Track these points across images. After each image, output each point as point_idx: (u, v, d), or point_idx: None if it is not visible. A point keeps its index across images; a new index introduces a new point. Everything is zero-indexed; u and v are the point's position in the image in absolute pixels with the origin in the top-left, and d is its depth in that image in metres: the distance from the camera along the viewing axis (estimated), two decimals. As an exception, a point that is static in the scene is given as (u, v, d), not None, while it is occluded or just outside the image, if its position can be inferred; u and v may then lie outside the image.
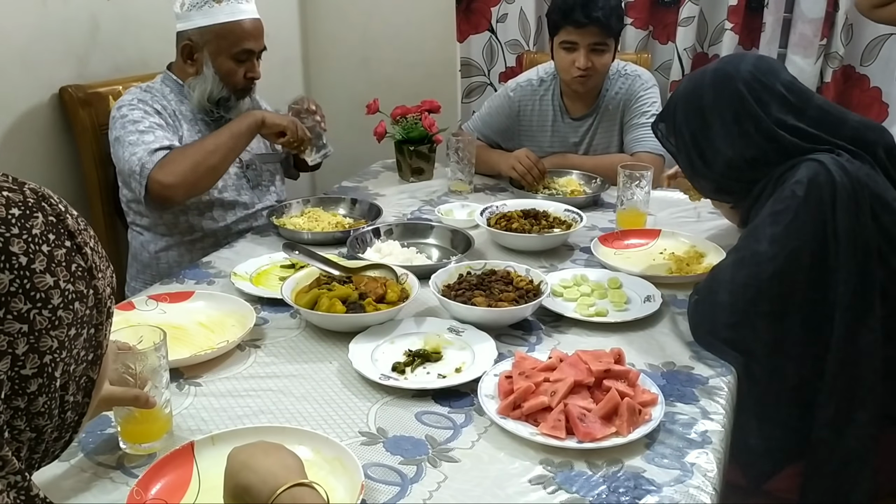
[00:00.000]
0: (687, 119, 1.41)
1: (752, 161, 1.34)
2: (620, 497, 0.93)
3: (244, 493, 0.78)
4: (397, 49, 3.10)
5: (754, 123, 1.32)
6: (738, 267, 1.28)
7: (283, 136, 1.86)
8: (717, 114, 1.36)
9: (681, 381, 1.19)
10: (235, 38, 1.81)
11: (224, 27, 1.80)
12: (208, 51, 1.82)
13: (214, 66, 1.83)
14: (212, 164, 1.74)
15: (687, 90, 1.43)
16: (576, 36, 2.08)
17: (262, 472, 0.78)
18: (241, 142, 1.81)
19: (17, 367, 0.53)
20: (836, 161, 1.25)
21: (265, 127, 1.82)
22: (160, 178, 1.69)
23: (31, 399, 0.55)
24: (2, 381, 0.52)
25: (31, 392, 0.54)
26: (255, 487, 0.77)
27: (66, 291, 0.56)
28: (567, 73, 2.15)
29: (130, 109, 1.77)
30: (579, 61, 2.09)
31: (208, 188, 1.81)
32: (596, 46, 2.09)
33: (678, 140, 1.45)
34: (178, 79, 1.88)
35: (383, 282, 1.40)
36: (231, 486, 0.80)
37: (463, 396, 1.14)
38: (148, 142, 1.72)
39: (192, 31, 1.81)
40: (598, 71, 2.13)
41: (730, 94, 1.34)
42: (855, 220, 1.21)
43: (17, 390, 0.53)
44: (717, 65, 1.42)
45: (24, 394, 0.54)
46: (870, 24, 2.41)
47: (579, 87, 2.18)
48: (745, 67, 1.35)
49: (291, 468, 0.80)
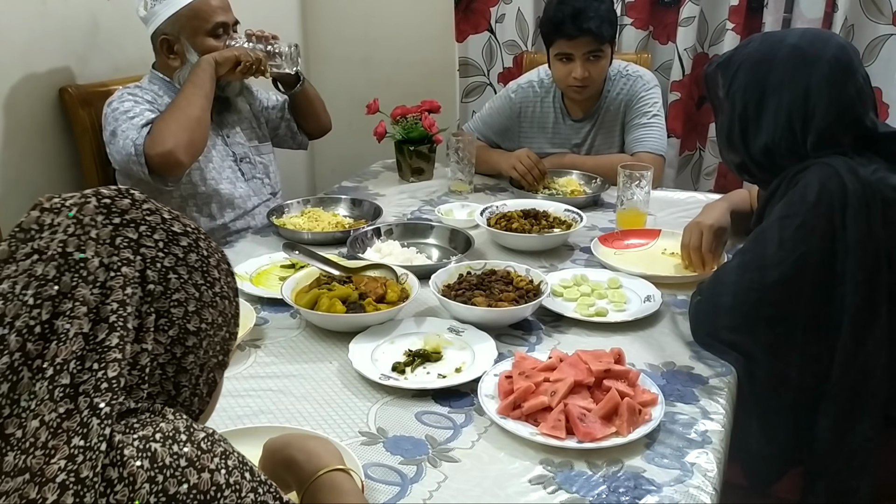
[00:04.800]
0: (745, 88, 1.30)
1: (789, 153, 1.28)
2: (620, 497, 0.93)
3: (286, 469, 0.82)
4: (397, 49, 3.10)
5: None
6: (743, 270, 1.26)
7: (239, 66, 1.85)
8: (778, 95, 1.26)
9: (681, 381, 1.19)
10: (205, 15, 1.82)
11: (190, 8, 1.81)
12: (185, 37, 1.83)
13: (196, 49, 1.83)
14: (194, 115, 1.74)
15: (757, 56, 1.30)
16: (569, 48, 2.08)
17: (308, 451, 0.83)
18: (207, 87, 1.79)
19: (186, 319, 0.65)
20: (847, 165, 1.20)
21: (220, 65, 1.82)
22: (156, 150, 1.69)
23: (185, 354, 0.65)
24: (174, 323, 0.64)
25: (188, 346, 0.66)
26: (300, 464, 0.81)
27: (223, 288, 0.70)
28: (564, 83, 2.15)
29: (121, 102, 1.78)
30: (576, 72, 2.09)
31: (204, 141, 1.79)
32: (591, 55, 2.09)
33: (728, 103, 1.34)
34: (165, 76, 1.89)
35: (383, 282, 1.40)
36: (270, 464, 0.83)
37: (463, 396, 1.14)
38: (135, 121, 1.73)
39: (163, 24, 1.82)
40: (595, 79, 2.13)
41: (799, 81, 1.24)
42: (865, 227, 1.17)
43: (180, 339, 0.65)
44: (799, 40, 1.27)
45: (183, 344, 0.65)
46: (870, 25, 2.41)
47: (576, 96, 2.18)
48: (825, 57, 1.23)
49: (333, 453, 0.84)
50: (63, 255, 0.59)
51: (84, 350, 0.57)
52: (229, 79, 1.89)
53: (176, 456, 0.57)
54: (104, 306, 0.59)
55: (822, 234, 1.19)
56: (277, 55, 1.91)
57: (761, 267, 1.23)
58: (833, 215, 1.18)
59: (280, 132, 2.18)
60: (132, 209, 0.64)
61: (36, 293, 0.58)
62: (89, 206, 0.62)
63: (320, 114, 2.20)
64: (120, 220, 0.63)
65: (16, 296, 0.58)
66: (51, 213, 0.62)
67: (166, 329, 0.64)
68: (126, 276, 0.61)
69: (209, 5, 1.83)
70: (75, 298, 0.58)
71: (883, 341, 1.20)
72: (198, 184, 1.88)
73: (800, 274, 1.21)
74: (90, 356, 0.57)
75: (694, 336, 1.32)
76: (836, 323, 1.20)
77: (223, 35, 1.86)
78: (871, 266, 1.18)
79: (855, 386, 1.21)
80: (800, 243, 1.20)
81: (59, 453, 0.53)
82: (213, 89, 1.81)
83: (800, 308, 1.22)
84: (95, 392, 0.56)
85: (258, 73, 1.90)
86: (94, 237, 0.61)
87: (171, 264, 0.65)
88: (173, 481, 0.56)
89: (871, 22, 2.41)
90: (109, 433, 0.55)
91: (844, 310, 1.19)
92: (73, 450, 0.54)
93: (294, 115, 2.16)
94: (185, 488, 0.56)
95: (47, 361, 0.56)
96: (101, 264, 0.60)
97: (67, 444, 0.54)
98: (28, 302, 0.57)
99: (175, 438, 0.58)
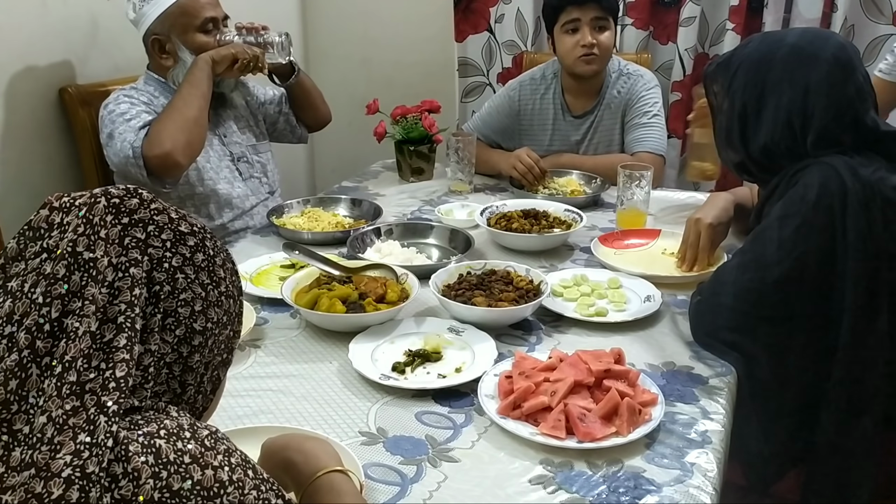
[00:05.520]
0: (745, 87, 1.30)
1: (788, 153, 1.28)
2: (620, 497, 0.93)
3: (284, 471, 0.82)
4: (397, 49, 3.10)
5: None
6: (743, 270, 1.26)
7: (237, 64, 1.84)
8: (777, 94, 1.26)
9: (681, 381, 1.19)
10: (194, 11, 1.82)
11: (178, 6, 1.80)
12: (175, 35, 1.82)
13: (187, 46, 1.83)
14: (191, 116, 1.74)
15: (756, 55, 1.30)
16: (577, 13, 2.10)
17: (306, 453, 0.83)
18: (204, 87, 1.79)
19: (193, 318, 0.66)
20: (847, 164, 1.20)
21: (217, 64, 1.81)
22: (154, 152, 1.69)
23: (191, 352, 0.66)
24: (181, 322, 0.65)
25: (194, 345, 0.66)
26: (298, 466, 0.82)
27: (229, 287, 0.71)
28: (572, 54, 2.14)
29: (117, 104, 1.78)
30: (584, 38, 2.10)
31: (202, 141, 1.79)
32: (598, 23, 2.11)
33: (727, 102, 1.34)
34: (160, 76, 1.89)
35: (383, 282, 1.40)
36: (269, 466, 0.83)
37: (463, 396, 1.14)
38: (132, 123, 1.73)
39: (153, 24, 1.81)
40: (603, 50, 2.14)
41: (798, 80, 1.25)
42: (866, 227, 1.17)
43: (187, 338, 0.65)
44: (799, 39, 1.28)
45: (189, 343, 0.66)
46: (870, 25, 2.41)
47: (586, 67, 2.15)
48: (824, 55, 1.24)
49: (331, 454, 0.84)
50: (73, 254, 0.60)
51: (91, 349, 0.58)
52: (227, 76, 1.89)
53: (180, 452, 0.57)
54: (112, 306, 0.60)
55: (822, 233, 1.19)
56: (269, 45, 1.90)
57: (761, 266, 1.23)
58: (833, 215, 1.18)
59: (279, 126, 2.17)
60: (141, 209, 0.65)
61: (45, 291, 0.58)
62: (99, 206, 0.63)
63: (319, 104, 2.19)
64: (129, 219, 0.64)
65: (24, 294, 0.58)
66: (60, 212, 0.62)
67: (173, 328, 0.65)
68: (134, 276, 0.62)
69: (197, 1, 1.83)
70: (84, 297, 0.59)
71: (883, 341, 1.20)
72: (195, 184, 1.88)
73: (800, 273, 1.20)
74: (97, 355, 0.58)
75: (694, 336, 1.31)
76: (836, 323, 1.20)
77: (213, 30, 1.86)
78: (871, 266, 1.18)
79: (855, 386, 1.21)
80: (800, 243, 1.20)
81: (65, 448, 0.54)
82: (211, 89, 1.81)
83: (800, 308, 1.22)
84: (103, 391, 0.57)
85: (255, 70, 1.89)
86: (103, 237, 0.61)
87: (179, 264, 0.65)
88: (177, 477, 0.56)
89: (871, 22, 2.41)
90: (116, 430, 0.56)
91: (844, 310, 1.19)
92: (78, 445, 0.54)
93: (293, 107, 2.15)
94: (189, 484, 0.56)
95: (56, 359, 0.57)
96: (110, 264, 0.61)
97: (73, 440, 0.54)
98: (37, 300, 0.58)
99: (179, 435, 0.59)
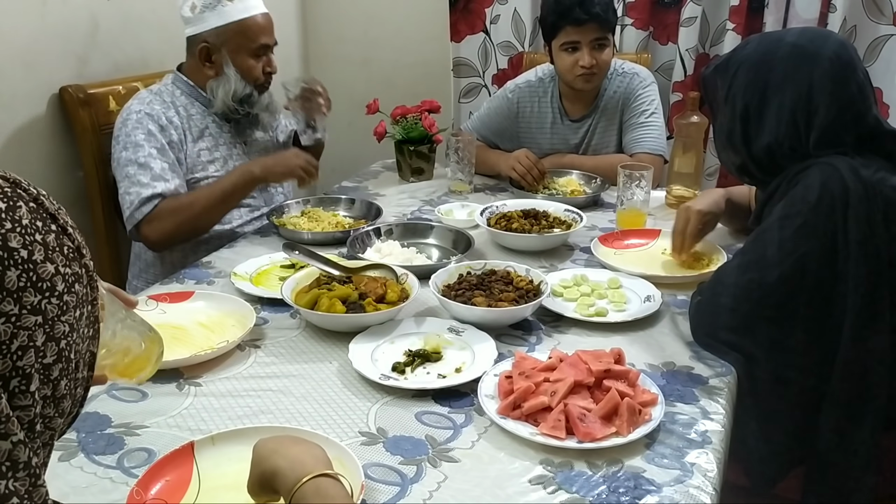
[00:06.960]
0: (746, 87, 1.29)
1: (791, 152, 1.27)
2: (620, 497, 0.93)
3: (272, 478, 0.81)
4: (397, 49, 3.10)
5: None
6: (743, 270, 1.26)
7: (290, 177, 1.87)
8: (780, 93, 1.26)
9: (681, 381, 1.19)
10: (253, 35, 1.83)
11: (240, 24, 1.81)
12: (227, 50, 1.83)
13: (235, 64, 1.84)
14: (199, 225, 1.78)
15: (756, 55, 1.29)
16: (576, 35, 2.08)
17: (292, 459, 0.81)
18: (237, 200, 1.83)
19: (40, 358, 0.54)
20: (849, 165, 1.19)
21: (267, 178, 1.84)
22: (146, 234, 1.74)
23: (55, 385, 0.56)
24: (31, 375, 0.53)
25: (54, 378, 0.56)
26: (284, 472, 0.80)
27: (66, 275, 0.56)
28: (571, 73, 2.14)
29: (135, 127, 1.76)
30: (584, 59, 2.09)
31: (206, 232, 1.83)
32: (597, 42, 2.10)
33: (727, 105, 1.33)
34: (191, 81, 1.89)
35: (383, 282, 1.40)
36: (259, 471, 0.82)
37: (463, 396, 1.14)
38: (143, 184, 1.72)
39: (207, 32, 1.81)
40: (602, 67, 2.13)
41: (801, 78, 1.24)
42: (867, 228, 1.17)
43: (44, 380, 0.55)
44: (798, 38, 1.27)
45: (49, 381, 0.55)
46: (870, 25, 2.41)
47: (584, 84, 2.16)
48: (826, 53, 1.23)
49: (319, 458, 0.83)
50: None
51: None
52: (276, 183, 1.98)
53: None
54: None
55: (823, 234, 1.18)
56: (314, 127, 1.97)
57: (762, 267, 1.23)
58: (834, 215, 1.18)
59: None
60: None
61: None
62: None
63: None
64: None
65: None
66: None
67: (25, 385, 0.52)
68: None
69: (258, 25, 1.84)
70: None
71: (884, 342, 1.19)
72: None
73: (800, 274, 1.20)
74: None
75: (694, 336, 1.31)
76: (837, 323, 1.20)
77: (263, 56, 1.88)
78: (872, 266, 1.17)
79: (856, 386, 1.21)
80: (800, 243, 1.20)
81: None
82: (242, 199, 1.84)
83: (800, 308, 1.21)
84: None
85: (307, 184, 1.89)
86: None
87: None
88: None
89: (871, 22, 2.41)
90: None
91: (845, 310, 1.19)
92: None
93: (295, 138, 2.15)
94: None
95: None
96: None
97: None
98: None
99: None
